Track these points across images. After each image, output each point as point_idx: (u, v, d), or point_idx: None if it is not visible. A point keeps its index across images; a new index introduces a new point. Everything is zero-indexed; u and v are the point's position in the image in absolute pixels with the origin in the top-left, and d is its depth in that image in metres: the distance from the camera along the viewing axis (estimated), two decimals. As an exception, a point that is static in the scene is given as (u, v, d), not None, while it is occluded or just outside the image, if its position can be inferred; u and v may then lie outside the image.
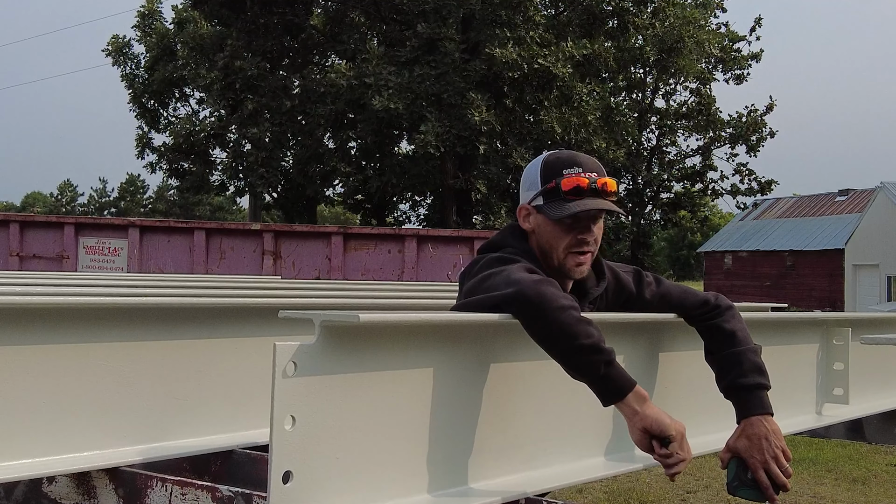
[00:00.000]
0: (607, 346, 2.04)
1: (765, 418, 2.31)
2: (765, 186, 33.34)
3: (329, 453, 1.72)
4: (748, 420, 2.31)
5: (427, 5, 23.09)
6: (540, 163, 2.46)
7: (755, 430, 2.29)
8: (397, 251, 11.22)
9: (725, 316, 2.49)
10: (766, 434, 2.28)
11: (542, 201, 2.41)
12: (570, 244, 2.38)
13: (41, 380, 2.10)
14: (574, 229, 2.38)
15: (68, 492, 2.23)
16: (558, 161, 2.42)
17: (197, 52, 26.57)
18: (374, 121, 23.32)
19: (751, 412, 2.32)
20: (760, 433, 2.28)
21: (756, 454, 2.26)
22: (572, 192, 2.35)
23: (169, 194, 67.88)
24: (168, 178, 31.24)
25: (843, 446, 8.88)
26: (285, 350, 1.62)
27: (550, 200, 2.38)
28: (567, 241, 2.38)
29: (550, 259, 2.42)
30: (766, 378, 2.39)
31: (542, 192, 2.40)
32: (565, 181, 2.36)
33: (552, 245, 2.40)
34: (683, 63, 28.91)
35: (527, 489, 2.10)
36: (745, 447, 2.28)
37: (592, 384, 2.04)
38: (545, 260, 2.42)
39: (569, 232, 2.38)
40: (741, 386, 2.37)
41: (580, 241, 2.38)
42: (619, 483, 7.19)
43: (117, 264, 11.50)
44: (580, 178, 2.35)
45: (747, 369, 2.39)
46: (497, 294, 2.07)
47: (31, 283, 3.58)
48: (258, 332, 2.56)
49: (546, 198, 2.39)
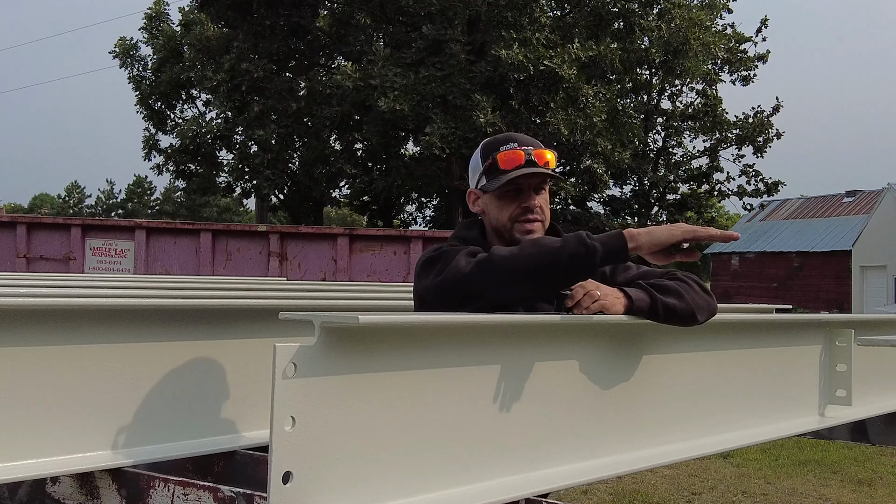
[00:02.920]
0: (566, 236, 2.22)
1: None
2: (772, 188, 33.23)
3: (329, 454, 1.73)
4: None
5: (433, 7, 23.09)
6: (479, 147, 2.62)
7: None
8: (403, 252, 11.23)
9: (673, 279, 2.50)
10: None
11: (485, 181, 2.54)
12: (514, 214, 2.52)
13: (44, 380, 2.11)
14: (516, 199, 2.51)
15: (72, 492, 2.25)
16: (495, 141, 2.59)
17: (204, 54, 26.63)
18: (380, 122, 23.34)
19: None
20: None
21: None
22: (509, 163, 2.49)
23: (176, 196, 68.00)
24: (175, 179, 31.29)
25: (848, 448, 8.87)
26: (285, 351, 1.63)
27: (491, 178, 2.52)
28: (511, 210, 2.52)
29: (501, 235, 2.55)
30: (660, 292, 2.37)
31: (484, 171, 2.55)
32: (501, 155, 2.50)
33: (499, 219, 2.54)
34: (689, 64, 28.84)
35: (529, 490, 2.10)
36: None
37: (601, 264, 2.19)
38: (499, 238, 2.55)
39: (512, 202, 2.51)
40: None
41: (524, 209, 2.52)
42: (623, 484, 7.19)
43: (124, 266, 11.53)
44: (516, 151, 2.51)
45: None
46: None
47: (37, 284, 3.59)
48: (261, 334, 2.57)
49: (487, 176, 2.53)
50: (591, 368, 2.33)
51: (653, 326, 2.40)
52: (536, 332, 2.09)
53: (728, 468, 8.04)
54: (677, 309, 2.35)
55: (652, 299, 2.32)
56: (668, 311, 2.34)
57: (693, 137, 33.86)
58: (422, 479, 1.92)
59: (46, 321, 2.12)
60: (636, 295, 2.30)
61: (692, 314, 2.40)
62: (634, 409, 2.49)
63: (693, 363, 2.71)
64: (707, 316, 2.47)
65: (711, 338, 2.74)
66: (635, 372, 2.48)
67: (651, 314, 2.32)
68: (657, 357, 2.57)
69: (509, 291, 2.19)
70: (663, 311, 2.33)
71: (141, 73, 31.38)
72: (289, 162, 27.54)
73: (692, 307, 2.40)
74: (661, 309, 2.33)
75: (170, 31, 30.91)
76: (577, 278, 2.23)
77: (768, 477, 7.80)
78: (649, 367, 2.53)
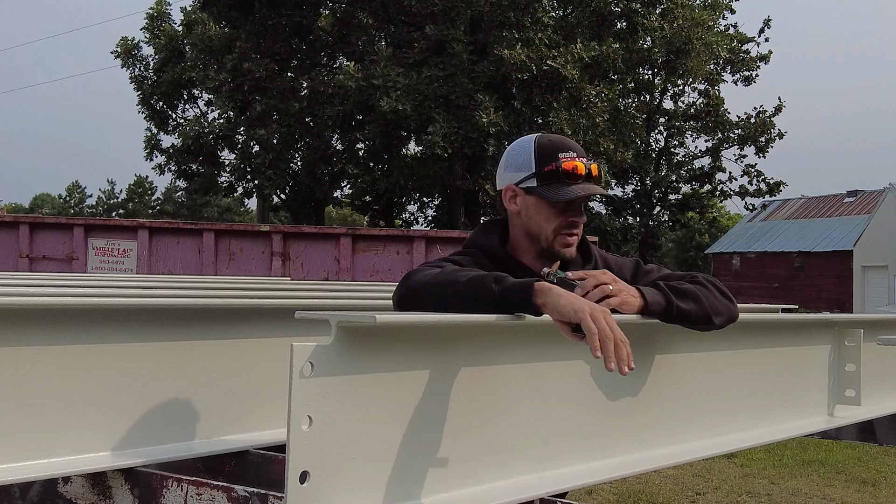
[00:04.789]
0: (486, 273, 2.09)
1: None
2: (773, 188, 33.21)
3: (345, 453, 1.73)
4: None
5: (435, 7, 23.08)
6: (533, 145, 2.49)
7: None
8: (406, 252, 11.23)
9: (694, 282, 2.47)
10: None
11: (535, 183, 2.45)
12: (560, 226, 2.46)
13: (56, 380, 2.11)
14: (567, 212, 2.45)
15: (84, 492, 2.24)
16: (552, 144, 2.48)
17: (205, 53, 26.61)
18: (382, 122, 23.31)
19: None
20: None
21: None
22: (571, 175, 2.41)
23: (177, 196, 67.99)
24: (176, 179, 31.31)
25: (853, 448, 8.86)
26: (303, 351, 1.63)
27: (547, 183, 2.43)
28: (558, 222, 2.46)
29: (537, 242, 2.48)
30: (676, 295, 2.33)
31: (538, 175, 2.45)
32: (566, 164, 2.42)
33: (542, 226, 2.47)
34: (692, 64, 28.82)
35: (544, 490, 2.10)
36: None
37: (496, 308, 2.00)
38: (532, 243, 2.49)
39: (561, 214, 2.45)
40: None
41: (571, 223, 2.46)
42: (628, 485, 7.19)
43: (127, 265, 11.53)
44: (577, 161, 2.43)
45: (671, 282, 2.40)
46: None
47: (43, 283, 3.59)
48: (272, 333, 2.57)
49: (542, 180, 2.44)
50: (600, 369, 2.32)
51: (663, 327, 2.40)
52: (550, 332, 2.09)
53: (732, 468, 8.04)
54: (692, 313, 2.33)
55: (667, 302, 2.29)
56: (683, 315, 2.31)
57: (695, 137, 33.87)
58: (437, 478, 1.92)
59: (57, 321, 2.11)
60: (651, 297, 2.27)
61: (708, 318, 2.37)
62: (644, 409, 2.49)
63: (702, 364, 2.70)
64: (725, 321, 2.44)
65: (720, 338, 2.73)
66: (644, 372, 2.47)
67: (665, 316, 2.30)
68: (666, 357, 2.57)
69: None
70: (677, 314, 2.30)
71: (143, 72, 31.35)
72: (290, 162, 27.52)
73: (709, 312, 2.36)
74: (676, 312, 2.30)
75: (171, 30, 30.89)
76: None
77: (772, 477, 7.79)
78: (659, 368, 2.53)
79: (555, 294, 1.99)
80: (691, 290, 2.37)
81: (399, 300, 2.21)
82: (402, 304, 2.20)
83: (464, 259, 2.42)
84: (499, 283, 2.03)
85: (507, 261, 2.48)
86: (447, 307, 2.05)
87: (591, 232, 25.84)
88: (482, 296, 2.02)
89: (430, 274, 2.17)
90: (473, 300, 2.02)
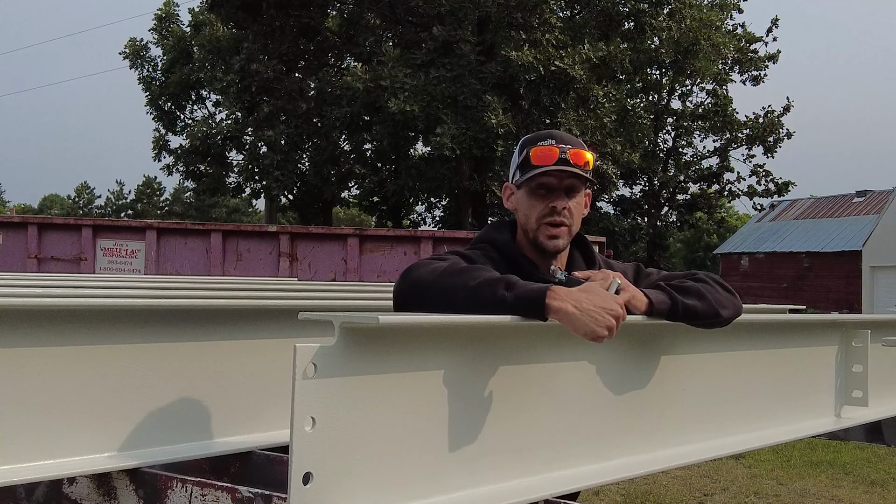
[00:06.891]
0: (499, 275, 2.06)
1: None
2: (782, 188, 33.16)
3: (349, 454, 1.72)
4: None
5: (443, 7, 23.08)
6: (519, 141, 2.55)
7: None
8: (413, 253, 11.23)
9: (695, 280, 2.45)
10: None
11: (518, 175, 2.49)
12: (542, 213, 2.45)
13: (61, 381, 2.11)
14: (546, 198, 2.44)
15: (89, 492, 2.24)
16: (534, 136, 2.51)
17: (213, 54, 26.71)
18: (390, 123, 23.34)
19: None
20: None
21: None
22: (540, 159, 2.42)
23: (185, 196, 68.07)
24: (184, 180, 31.35)
25: (861, 449, 8.83)
26: (306, 352, 1.63)
27: (524, 172, 2.46)
28: (539, 209, 2.45)
29: (528, 234, 2.49)
30: (680, 293, 2.31)
31: (518, 166, 2.49)
32: (535, 150, 2.43)
33: (527, 216, 2.48)
34: (700, 64, 28.79)
35: (549, 491, 2.09)
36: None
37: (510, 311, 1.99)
38: (525, 237, 2.50)
39: (541, 201, 2.44)
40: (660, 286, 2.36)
41: (552, 209, 2.43)
42: (635, 485, 7.17)
43: (135, 266, 11.56)
44: (551, 147, 2.42)
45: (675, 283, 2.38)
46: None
47: (50, 284, 3.60)
48: (276, 334, 2.57)
49: (521, 171, 2.47)
50: (607, 369, 2.32)
51: (669, 327, 2.39)
52: (556, 333, 2.09)
53: (740, 469, 8.02)
54: (698, 310, 2.32)
55: (672, 301, 2.28)
56: (689, 312, 2.30)
57: (703, 137, 33.83)
58: (441, 479, 1.91)
59: (63, 322, 2.12)
60: (656, 297, 2.25)
61: (715, 314, 2.36)
62: (651, 409, 2.48)
63: (709, 364, 2.70)
64: (732, 314, 2.42)
65: (727, 339, 2.73)
66: (651, 373, 2.47)
67: (671, 315, 2.28)
68: (673, 358, 2.56)
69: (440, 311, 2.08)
70: (683, 312, 2.29)
71: (151, 73, 31.47)
72: (298, 162, 27.57)
73: (715, 307, 2.35)
74: (682, 310, 2.29)
75: (180, 31, 30.99)
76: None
77: (780, 478, 7.77)
78: (666, 369, 2.52)
79: (569, 310, 1.99)
80: (694, 287, 2.37)
81: (400, 294, 2.18)
82: (403, 299, 2.17)
83: (472, 253, 2.41)
84: (510, 289, 2.01)
85: (517, 256, 2.48)
86: (454, 308, 2.03)
87: (599, 232, 25.83)
88: (493, 301, 2.00)
89: (434, 270, 2.13)
90: (483, 305, 2.01)
